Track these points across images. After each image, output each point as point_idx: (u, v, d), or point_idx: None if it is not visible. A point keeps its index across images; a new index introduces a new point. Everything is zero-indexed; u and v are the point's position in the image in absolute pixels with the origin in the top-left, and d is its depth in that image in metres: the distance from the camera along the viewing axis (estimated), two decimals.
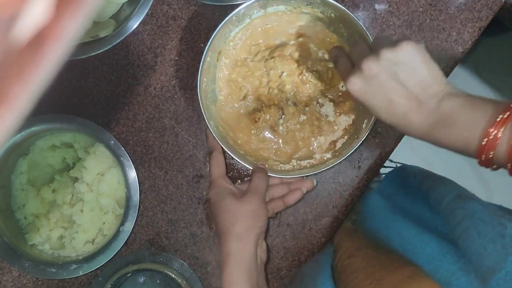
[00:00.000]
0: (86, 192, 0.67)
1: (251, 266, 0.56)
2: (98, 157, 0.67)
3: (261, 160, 0.65)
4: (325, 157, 0.65)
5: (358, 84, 0.46)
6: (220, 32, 0.59)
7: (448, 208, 0.53)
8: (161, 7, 0.67)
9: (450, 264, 0.47)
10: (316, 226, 0.69)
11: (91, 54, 0.62)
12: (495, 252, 0.43)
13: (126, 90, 0.68)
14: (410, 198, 0.65)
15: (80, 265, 0.66)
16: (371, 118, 0.59)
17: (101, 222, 0.68)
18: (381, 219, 0.64)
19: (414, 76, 0.45)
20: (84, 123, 0.65)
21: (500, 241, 0.44)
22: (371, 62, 0.45)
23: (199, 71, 0.60)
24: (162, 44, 0.67)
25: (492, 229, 0.46)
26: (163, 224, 0.69)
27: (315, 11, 0.61)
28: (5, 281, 0.69)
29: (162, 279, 0.69)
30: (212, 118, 0.62)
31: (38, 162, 0.69)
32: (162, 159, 0.69)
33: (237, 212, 0.58)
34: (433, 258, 0.50)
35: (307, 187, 0.66)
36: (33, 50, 0.16)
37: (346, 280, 0.57)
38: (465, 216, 0.49)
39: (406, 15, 0.65)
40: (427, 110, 0.44)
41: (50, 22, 0.16)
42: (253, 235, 0.58)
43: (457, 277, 0.46)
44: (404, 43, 0.45)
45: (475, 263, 0.45)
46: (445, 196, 0.55)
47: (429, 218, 0.58)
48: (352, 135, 0.64)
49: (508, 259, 0.42)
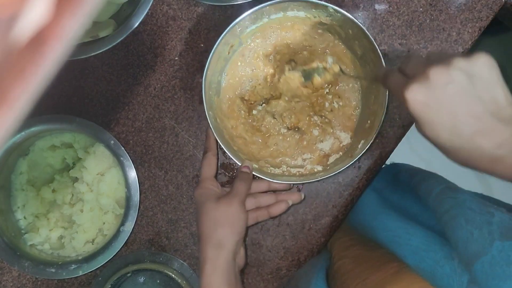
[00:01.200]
0: (86, 192, 0.67)
1: (229, 273, 0.56)
2: (98, 157, 0.67)
3: (252, 159, 0.64)
4: (316, 169, 0.65)
5: (421, 94, 0.39)
6: (235, 27, 0.59)
7: (437, 198, 0.53)
8: (161, 7, 0.67)
9: (435, 253, 0.48)
10: (315, 226, 0.69)
11: (91, 54, 0.62)
12: (481, 238, 0.43)
13: (126, 90, 0.68)
14: (400, 192, 0.66)
15: (80, 265, 0.66)
16: (368, 139, 0.59)
17: (101, 222, 0.68)
18: (370, 213, 0.64)
19: (490, 94, 0.39)
20: (84, 123, 0.65)
21: (487, 228, 0.44)
22: (441, 69, 0.39)
23: (208, 60, 0.59)
24: (162, 44, 0.67)
25: (480, 216, 0.45)
26: (163, 224, 0.69)
27: (333, 23, 0.61)
28: (5, 281, 0.69)
29: (162, 279, 0.69)
30: (212, 109, 0.62)
31: (38, 162, 0.69)
32: (162, 159, 0.69)
33: (217, 217, 0.58)
34: (418, 249, 0.50)
35: (294, 199, 0.66)
36: (33, 50, 0.16)
37: (338, 282, 0.57)
38: (453, 205, 0.49)
39: (406, 15, 0.65)
40: (501, 136, 0.38)
41: (50, 22, 0.16)
42: (232, 243, 0.57)
43: (441, 265, 0.46)
44: (482, 55, 0.39)
45: (460, 248, 0.45)
46: (434, 188, 0.55)
47: (417, 212, 0.59)
48: (346, 153, 0.64)
49: (494, 244, 0.42)
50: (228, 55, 0.64)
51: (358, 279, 0.53)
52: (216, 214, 0.58)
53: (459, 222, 0.46)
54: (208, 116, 0.60)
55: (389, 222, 0.58)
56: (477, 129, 0.39)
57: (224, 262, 0.56)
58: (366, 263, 0.56)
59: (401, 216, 0.58)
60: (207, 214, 0.59)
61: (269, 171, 0.64)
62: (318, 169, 0.64)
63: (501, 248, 0.41)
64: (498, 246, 0.41)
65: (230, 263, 0.57)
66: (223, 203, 0.59)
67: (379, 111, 0.59)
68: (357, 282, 0.53)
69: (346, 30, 0.61)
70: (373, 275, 0.52)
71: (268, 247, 0.69)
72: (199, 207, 0.60)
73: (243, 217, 0.59)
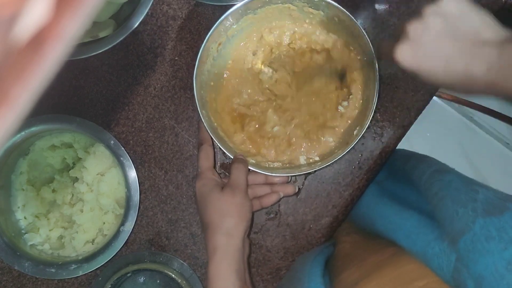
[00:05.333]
0: (86, 192, 0.67)
1: (239, 260, 0.57)
2: (98, 157, 0.67)
3: (249, 155, 0.65)
4: (312, 159, 0.65)
5: (408, 51, 0.43)
6: (221, 24, 0.59)
7: (427, 182, 0.54)
8: (161, 7, 0.67)
9: (426, 235, 0.49)
10: (315, 226, 0.69)
11: (91, 54, 0.62)
12: (465, 215, 0.44)
13: (126, 90, 0.68)
14: (396, 180, 0.67)
15: (80, 265, 0.66)
16: (363, 125, 0.59)
17: (101, 222, 0.68)
18: (369, 205, 0.65)
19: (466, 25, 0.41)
20: (84, 123, 0.65)
21: (471, 205, 0.45)
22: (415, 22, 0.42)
23: (197, 60, 0.59)
24: (162, 44, 0.67)
25: (465, 195, 0.46)
26: (163, 224, 0.69)
27: (320, 13, 0.61)
28: (5, 281, 0.69)
29: (162, 279, 0.69)
30: (205, 108, 0.62)
31: (38, 162, 0.69)
32: (162, 159, 0.69)
33: (224, 207, 0.58)
34: (411, 232, 0.51)
35: (287, 192, 0.66)
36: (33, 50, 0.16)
37: (336, 265, 0.58)
38: (441, 187, 0.51)
39: (406, 15, 0.65)
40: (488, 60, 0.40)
41: (50, 22, 0.16)
42: (241, 231, 0.58)
43: (431, 246, 0.47)
44: None
45: (447, 228, 0.46)
46: (424, 172, 0.56)
47: (411, 197, 0.60)
48: (342, 141, 0.64)
49: (477, 221, 0.42)
50: (217, 53, 0.64)
51: (356, 261, 0.55)
52: (222, 204, 0.59)
53: (446, 203, 0.48)
54: (202, 116, 0.60)
55: (385, 210, 0.59)
56: (466, 61, 0.41)
57: (234, 250, 0.57)
58: (365, 247, 0.57)
59: (396, 203, 0.59)
60: (212, 204, 0.59)
61: (267, 166, 0.65)
62: (315, 159, 0.64)
63: (483, 224, 0.42)
64: (480, 222, 0.42)
65: (240, 251, 0.57)
66: (228, 194, 0.59)
67: (371, 96, 0.59)
68: (354, 263, 0.54)
69: (333, 19, 0.61)
70: (371, 257, 0.53)
71: (268, 247, 0.69)
72: (203, 198, 0.60)
73: (248, 206, 0.60)
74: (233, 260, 0.56)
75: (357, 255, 0.56)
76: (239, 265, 0.57)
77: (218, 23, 0.59)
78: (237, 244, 0.57)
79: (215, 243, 0.57)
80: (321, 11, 0.61)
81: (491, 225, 0.41)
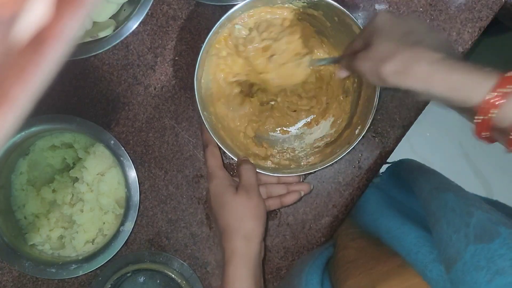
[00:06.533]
0: (86, 192, 0.67)
1: (256, 264, 0.57)
2: (98, 157, 0.67)
3: (249, 155, 0.65)
4: (313, 159, 0.65)
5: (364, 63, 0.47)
6: None
7: (426, 200, 0.54)
8: (161, 7, 0.67)
9: (424, 256, 0.48)
10: (316, 226, 0.69)
11: (91, 54, 0.62)
12: (458, 242, 0.44)
13: (126, 90, 0.68)
14: (401, 189, 0.67)
15: (80, 265, 0.66)
16: (365, 125, 0.59)
17: (101, 222, 0.68)
18: (373, 212, 0.65)
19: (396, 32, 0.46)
20: (84, 123, 0.65)
21: (464, 230, 0.44)
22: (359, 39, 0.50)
23: (198, 60, 0.59)
24: (162, 44, 0.67)
25: (459, 218, 0.46)
26: (163, 224, 0.69)
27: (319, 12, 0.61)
28: (5, 281, 0.69)
29: (162, 279, 0.69)
30: (206, 109, 0.62)
31: (38, 162, 0.69)
32: (162, 159, 0.69)
33: (240, 209, 0.58)
34: (411, 251, 0.50)
35: (305, 190, 0.66)
36: (33, 50, 0.16)
37: (339, 271, 0.58)
38: (438, 206, 0.50)
39: (406, 15, 0.65)
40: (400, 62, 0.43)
41: (50, 22, 0.16)
42: (259, 235, 0.58)
43: (429, 269, 0.46)
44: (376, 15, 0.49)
45: (442, 253, 0.45)
46: (424, 189, 0.55)
47: (416, 208, 0.59)
48: (344, 141, 0.64)
49: (468, 248, 0.42)
50: (218, 53, 0.63)
51: (362, 268, 0.54)
52: (239, 206, 0.58)
53: (442, 225, 0.47)
54: (203, 117, 0.60)
55: (388, 222, 0.58)
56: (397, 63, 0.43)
57: (253, 254, 0.56)
58: (371, 255, 0.56)
59: (400, 214, 0.59)
60: (228, 207, 0.59)
61: (267, 165, 0.65)
62: (317, 160, 0.65)
63: (474, 253, 0.41)
64: (471, 250, 0.41)
65: (258, 256, 0.57)
66: (243, 196, 0.59)
67: (372, 96, 0.59)
68: (360, 271, 0.53)
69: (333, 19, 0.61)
70: (379, 266, 0.52)
71: (268, 247, 0.69)
72: (217, 199, 0.60)
73: (264, 208, 0.60)
74: (251, 264, 0.56)
75: (364, 263, 0.55)
76: (256, 270, 0.56)
77: (218, 23, 0.59)
78: (256, 249, 0.57)
79: (233, 247, 0.56)
80: (321, 11, 0.61)
81: (481, 253, 0.41)
